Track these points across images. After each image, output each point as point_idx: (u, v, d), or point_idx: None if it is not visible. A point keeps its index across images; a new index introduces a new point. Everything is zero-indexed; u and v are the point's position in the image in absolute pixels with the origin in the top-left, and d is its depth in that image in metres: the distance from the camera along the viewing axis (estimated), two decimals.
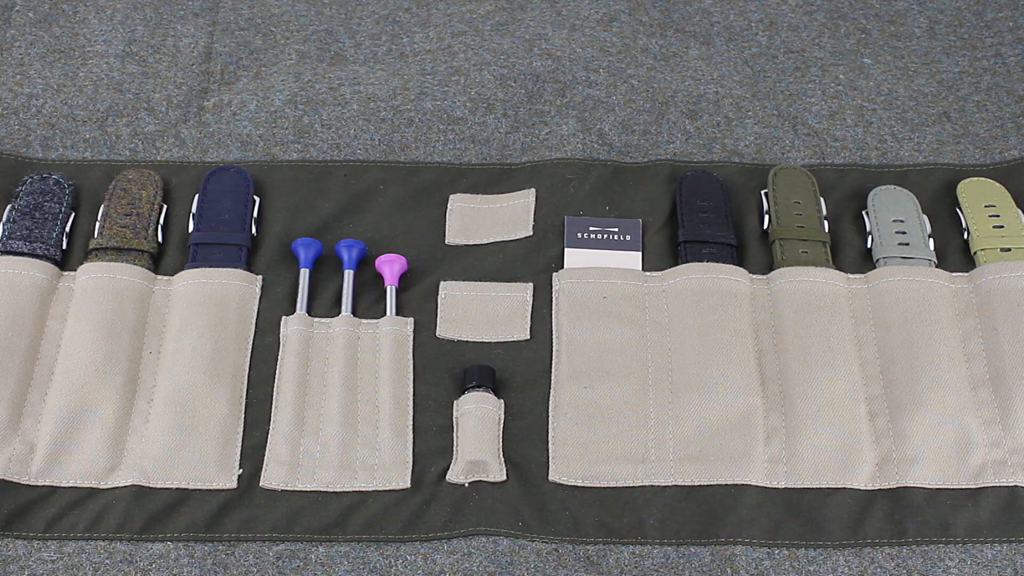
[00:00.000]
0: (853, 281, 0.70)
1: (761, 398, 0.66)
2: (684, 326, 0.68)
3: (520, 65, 0.82)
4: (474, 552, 0.61)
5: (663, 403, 0.66)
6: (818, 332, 0.67)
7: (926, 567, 0.61)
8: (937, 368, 0.66)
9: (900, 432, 0.65)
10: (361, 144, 0.77)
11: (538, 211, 0.73)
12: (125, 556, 0.60)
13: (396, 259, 0.70)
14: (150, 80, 0.80)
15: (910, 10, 0.87)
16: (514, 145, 0.77)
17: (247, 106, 0.79)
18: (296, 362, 0.66)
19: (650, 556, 0.61)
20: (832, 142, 0.79)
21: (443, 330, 0.68)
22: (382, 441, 0.64)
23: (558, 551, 0.61)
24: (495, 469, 0.63)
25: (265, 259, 0.71)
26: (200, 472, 0.62)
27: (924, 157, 0.78)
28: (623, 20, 0.86)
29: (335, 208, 0.73)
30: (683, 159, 0.77)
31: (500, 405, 0.65)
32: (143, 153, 0.76)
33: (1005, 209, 0.73)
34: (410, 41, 0.84)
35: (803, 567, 0.61)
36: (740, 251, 0.72)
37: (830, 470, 0.64)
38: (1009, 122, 0.80)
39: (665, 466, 0.64)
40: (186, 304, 0.67)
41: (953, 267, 0.71)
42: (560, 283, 0.70)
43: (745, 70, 0.83)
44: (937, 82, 0.83)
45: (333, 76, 0.81)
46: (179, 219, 0.72)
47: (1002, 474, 0.64)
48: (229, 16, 0.85)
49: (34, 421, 0.63)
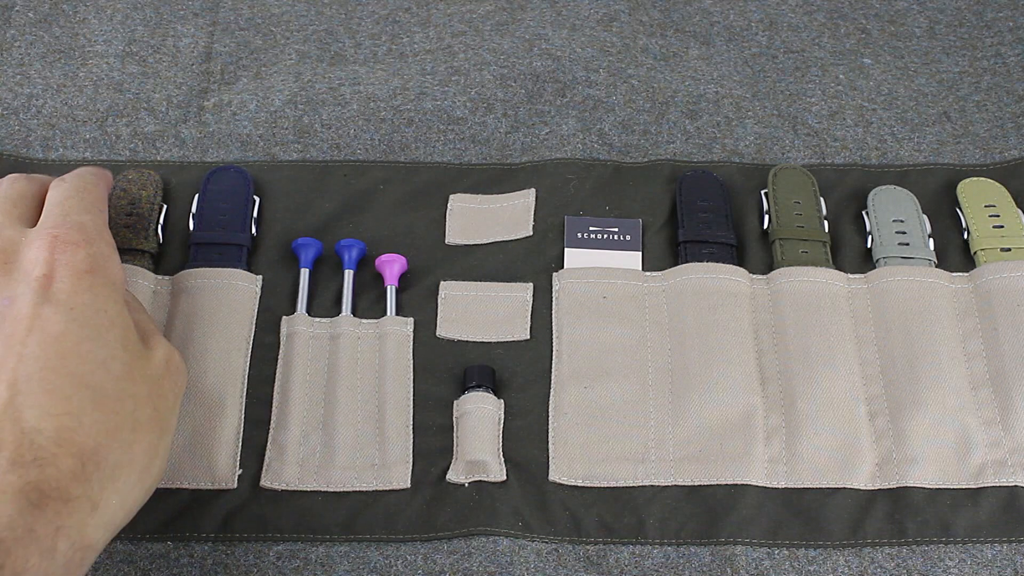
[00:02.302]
0: (853, 281, 0.70)
1: (761, 398, 0.66)
2: (684, 326, 0.68)
3: (520, 65, 0.82)
4: (474, 552, 0.61)
5: (663, 403, 0.66)
6: (818, 332, 0.68)
7: (926, 567, 0.61)
8: (937, 368, 0.66)
9: (900, 432, 0.65)
10: (361, 144, 0.77)
11: (538, 211, 0.73)
12: (125, 556, 0.60)
13: (396, 259, 0.70)
14: (150, 80, 0.80)
15: (910, 10, 0.87)
16: (514, 145, 0.77)
17: (247, 106, 0.79)
18: (296, 362, 0.66)
19: (650, 556, 0.61)
20: (832, 142, 0.79)
21: (443, 330, 0.68)
22: (382, 441, 0.64)
23: (558, 551, 0.61)
24: (495, 469, 0.63)
25: (265, 259, 0.71)
26: (200, 472, 0.62)
27: (924, 157, 0.78)
28: (623, 20, 0.86)
29: (335, 208, 0.73)
30: (683, 159, 0.77)
31: (500, 405, 0.65)
32: (143, 153, 0.76)
33: (1005, 209, 0.73)
34: (410, 41, 0.84)
35: (803, 567, 0.61)
36: (740, 251, 0.72)
37: (830, 470, 0.64)
38: (1009, 122, 0.80)
39: (665, 466, 0.64)
40: (187, 304, 0.67)
41: (953, 267, 0.71)
42: (560, 283, 0.70)
43: (745, 70, 0.83)
44: (937, 82, 0.83)
45: (333, 76, 0.81)
46: (179, 219, 0.72)
47: (1002, 474, 0.64)
48: (229, 16, 0.85)
49: None
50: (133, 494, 0.54)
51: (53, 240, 0.56)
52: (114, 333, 0.55)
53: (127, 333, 0.56)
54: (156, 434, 0.55)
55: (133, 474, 0.54)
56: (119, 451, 0.53)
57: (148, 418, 0.55)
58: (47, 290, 0.54)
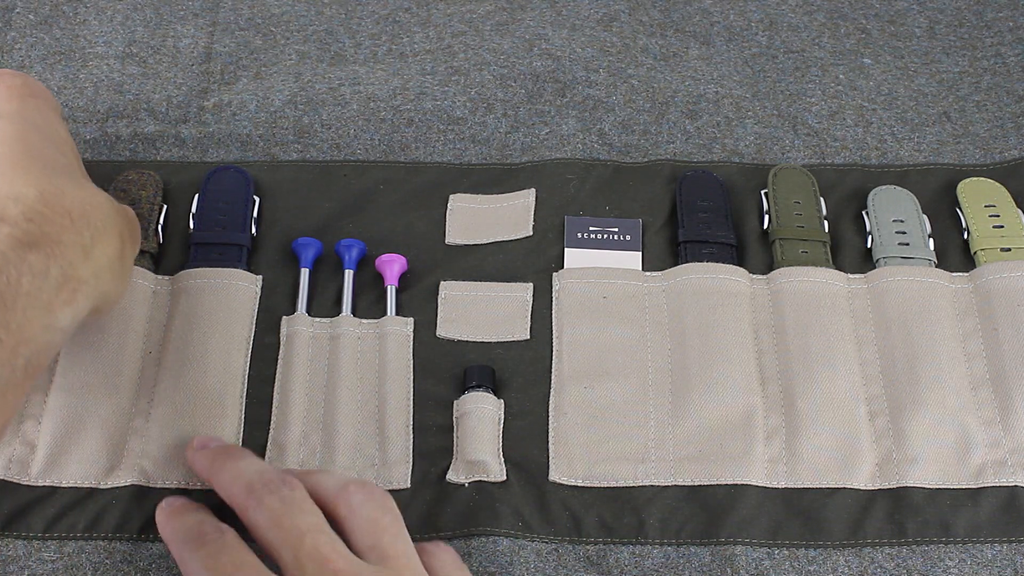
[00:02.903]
0: (853, 281, 0.70)
1: (761, 398, 0.66)
2: (684, 326, 0.68)
3: (520, 65, 0.82)
4: (474, 552, 0.61)
5: (663, 403, 0.66)
6: (818, 332, 0.68)
7: (926, 567, 0.61)
8: (937, 368, 0.66)
9: (900, 432, 0.65)
10: (361, 144, 0.77)
11: (538, 211, 0.73)
12: (125, 556, 0.60)
13: (396, 259, 0.70)
14: (150, 81, 0.80)
15: (910, 10, 0.87)
16: (514, 145, 0.77)
17: (247, 106, 0.79)
18: (296, 362, 0.66)
19: (650, 556, 0.61)
20: (832, 142, 0.79)
21: (443, 330, 0.68)
22: (382, 441, 0.64)
23: (558, 551, 0.61)
24: (495, 469, 0.63)
25: (265, 259, 0.71)
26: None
27: (924, 157, 0.78)
28: (623, 20, 0.86)
29: (335, 208, 0.73)
30: (683, 159, 0.77)
31: (500, 405, 0.65)
32: (143, 153, 0.76)
33: (1005, 209, 0.73)
34: (410, 41, 0.84)
35: (803, 567, 0.61)
36: (740, 251, 0.72)
37: (830, 470, 0.64)
38: (1009, 122, 0.80)
39: (665, 466, 0.64)
40: (187, 304, 0.67)
41: (953, 267, 0.71)
42: (560, 283, 0.70)
43: (745, 70, 0.83)
44: (937, 82, 0.83)
45: (333, 76, 0.81)
46: (179, 219, 0.72)
47: (1002, 474, 0.64)
48: (229, 16, 0.85)
49: (35, 422, 0.63)
50: (116, 269, 0.57)
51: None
52: (69, 147, 0.60)
53: (76, 153, 0.61)
54: (122, 240, 0.58)
55: (113, 249, 0.57)
56: (102, 219, 0.56)
57: (116, 211, 0.58)
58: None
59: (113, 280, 0.57)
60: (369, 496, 0.55)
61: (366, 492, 0.55)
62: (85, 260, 0.54)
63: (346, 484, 0.56)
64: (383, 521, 0.55)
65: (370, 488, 0.56)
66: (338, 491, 0.55)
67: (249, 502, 0.54)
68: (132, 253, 0.60)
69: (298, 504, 0.54)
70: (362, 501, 0.55)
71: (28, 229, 0.52)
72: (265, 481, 0.55)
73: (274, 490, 0.54)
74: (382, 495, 0.56)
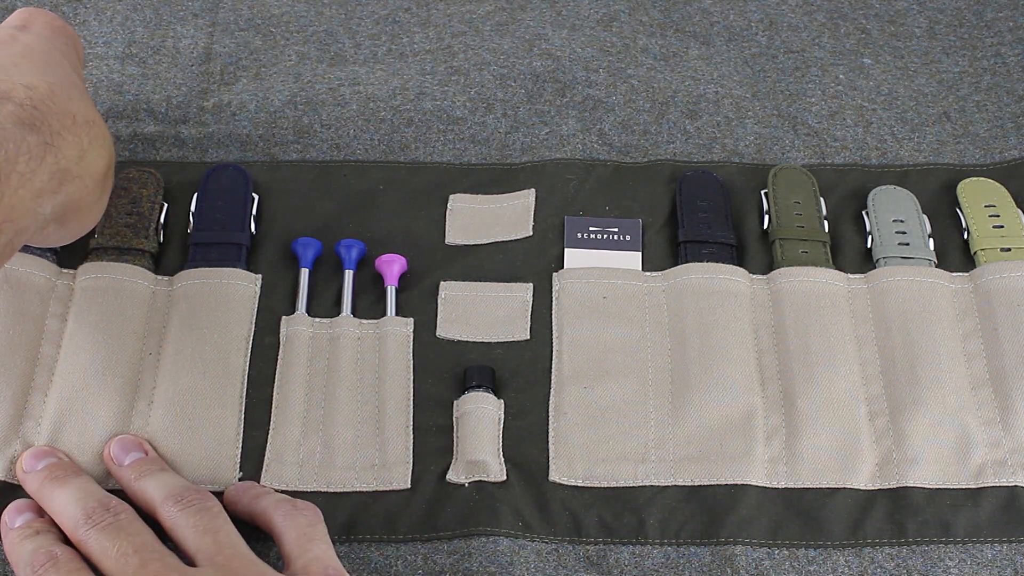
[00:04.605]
0: (853, 281, 0.70)
1: (761, 398, 0.66)
2: (684, 326, 0.68)
3: (520, 65, 0.82)
4: (474, 552, 0.61)
5: (663, 403, 0.66)
6: (818, 332, 0.68)
7: (926, 567, 0.61)
8: (937, 368, 0.66)
9: (900, 432, 0.65)
10: (361, 144, 0.77)
11: (538, 211, 0.73)
12: None
13: (396, 259, 0.70)
14: (150, 81, 0.80)
15: (910, 10, 0.87)
16: (514, 145, 0.77)
17: (247, 106, 0.79)
18: (296, 362, 0.66)
19: (650, 556, 0.61)
20: (832, 142, 0.79)
21: (443, 330, 0.68)
22: (382, 441, 0.64)
23: (558, 551, 0.61)
24: (495, 469, 0.63)
25: (265, 259, 0.71)
26: (200, 473, 0.62)
27: (924, 157, 0.78)
28: (623, 20, 0.86)
29: (335, 208, 0.73)
30: (683, 159, 0.77)
31: (500, 405, 0.65)
32: (143, 153, 0.76)
33: (1005, 209, 0.73)
34: (410, 41, 0.84)
35: (803, 567, 0.61)
36: (740, 251, 0.72)
37: (830, 470, 0.64)
38: (1009, 122, 0.80)
39: (665, 466, 0.64)
40: (186, 304, 0.67)
41: (953, 267, 0.71)
42: (560, 283, 0.70)
43: (745, 70, 0.83)
44: (937, 82, 0.83)
45: (333, 76, 0.81)
46: (179, 220, 0.72)
47: (1002, 474, 0.64)
48: (229, 16, 0.85)
49: (35, 423, 0.63)
50: (100, 184, 0.60)
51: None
52: (79, 76, 0.63)
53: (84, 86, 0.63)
54: (108, 165, 0.61)
55: (104, 162, 0.59)
56: (101, 135, 0.59)
57: (111, 143, 0.61)
58: (23, 28, 0.62)
59: (95, 190, 0.59)
60: (187, 505, 0.57)
61: (181, 504, 0.57)
62: (79, 160, 0.57)
63: (164, 499, 0.57)
64: (207, 524, 0.56)
65: (187, 498, 0.57)
66: (160, 504, 0.57)
67: (77, 536, 0.55)
68: (109, 187, 0.62)
69: (125, 529, 0.55)
70: (178, 512, 0.56)
71: (32, 113, 0.55)
72: (88, 513, 0.56)
73: (98, 521, 0.55)
74: (201, 498, 0.57)
